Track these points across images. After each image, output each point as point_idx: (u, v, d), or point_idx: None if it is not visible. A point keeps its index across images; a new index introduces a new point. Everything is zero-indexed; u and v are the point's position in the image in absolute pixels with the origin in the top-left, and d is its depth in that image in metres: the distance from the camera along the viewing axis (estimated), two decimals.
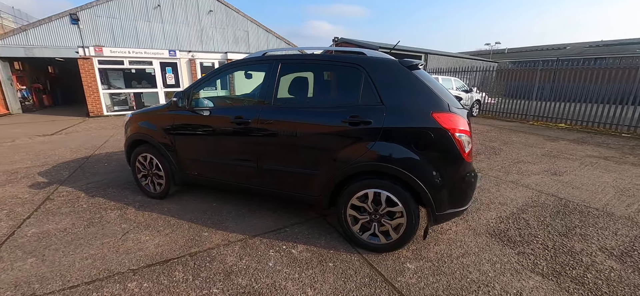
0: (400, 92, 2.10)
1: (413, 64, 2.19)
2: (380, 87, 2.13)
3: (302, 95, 2.61)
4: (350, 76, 2.28)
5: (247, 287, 1.89)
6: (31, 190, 3.54)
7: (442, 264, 2.13)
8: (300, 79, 2.61)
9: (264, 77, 2.56)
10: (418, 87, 2.09)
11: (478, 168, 4.47)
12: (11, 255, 2.24)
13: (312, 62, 2.52)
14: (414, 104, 2.06)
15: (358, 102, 2.19)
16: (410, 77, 2.12)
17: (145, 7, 14.07)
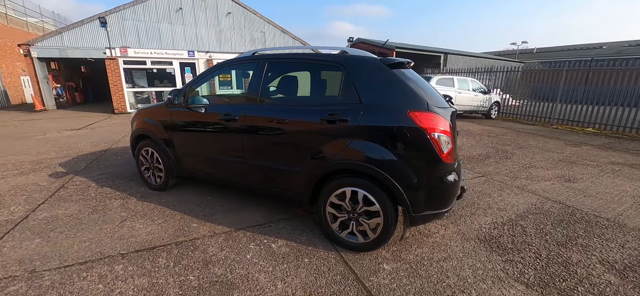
0: (378, 91, 2.08)
1: (395, 62, 2.16)
2: (359, 85, 2.12)
3: (286, 93, 2.66)
4: (331, 75, 2.30)
5: (221, 276, 1.96)
6: (50, 178, 3.86)
7: (419, 267, 2.08)
8: (286, 78, 2.66)
9: (252, 76, 2.63)
10: (397, 86, 2.06)
11: (482, 173, 4.30)
12: (22, 235, 2.47)
13: (296, 61, 2.56)
14: (391, 102, 2.03)
15: (338, 100, 2.20)
16: (389, 75, 2.09)
17: (168, 10, 14.77)
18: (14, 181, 3.75)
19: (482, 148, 5.85)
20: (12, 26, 17.69)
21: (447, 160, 1.98)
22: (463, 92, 9.76)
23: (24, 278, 1.95)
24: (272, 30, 17.55)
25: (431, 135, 1.90)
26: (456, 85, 9.65)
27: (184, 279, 1.94)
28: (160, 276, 1.96)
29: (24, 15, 19.65)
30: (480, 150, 5.69)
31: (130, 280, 1.93)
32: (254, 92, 2.57)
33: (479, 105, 10.19)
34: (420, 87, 2.16)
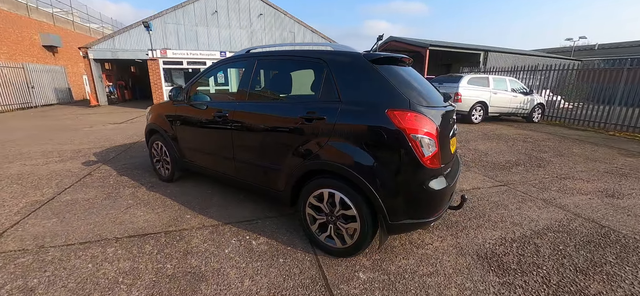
0: (357, 88, 1.96)
1: (380, 57, 2.02)
2: (340, 82, 2.02)
3: (274, 90, 2.64)
4: (315, 71, 2.22)
5: (195, 268, 2.01)
6: (82, 166, 4.32)
7: (398, 280, 1.92)
8: (273, 75, 2.64)
9: (243, 73, 2.65)
10: (377, 83, 1.91)
11: (504, 182, 3.87)
12: (43, 214, 2.79)
13: (284, 59, 2.51)
14: (370, 100, 1.89)
15: (319, 97, 2.11)
16: (370, 72, 1.95)
17: (204, 13, 15.72)
18: (53, 167, 4.26)
19: (512, 155, 5.28)
20: (77, 31, 20.28)
21: (430, 165, 1.78)
22: (499, 92, 8.91)
23: (33, 252, 2.19)
24: (302, 30, 17.76)
25: (410, 136, 1.73)
26: (491, 84, 8.84)
27: (162, 267, 2.02)
28: (142, 261, 2.07)
29: (87, 21, 22.41)
30: (510, 157, 5.13)
31: (115, 263, 2.06)
32: (244, 88, 2.59)
33: (518, 107, 9.23)
34: (407, 84, 1.99)
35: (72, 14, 21.25)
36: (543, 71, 10.11)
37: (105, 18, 25.82)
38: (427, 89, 2.22)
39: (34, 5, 16.61)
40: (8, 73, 12.25)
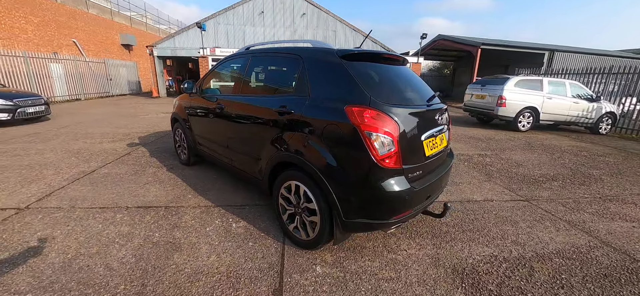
0: (325, 84, 1.97)
1: (352, 53, 2.00)
2: (310, 77, 2.06)
3: (260, 84, 2.76)
4: (293, 67, 2.28)
5: (177, 239, 2.25)
6: (126, 147, 5.07)
7: (352, 280, 1.89)
8: (263, 70, 2.76)
9: (240, 68, 2.85)
10: (344, 79, 1.90)
11: (527, 197, 3.43)
12: (82, 182, 3.38)
13: (271, 55, 2.62)
14: (332, 96, 1.89)
15: (293, 92, 2.18)
16: (339, 68, 1.94)
17: (252, 14, 16.75)
18: (105, 146, 5.08)
19: (552, 168, 4.60)
20: (149, 32, 23.34)
21: (387, 165, 1.72)
22: (556, 97, 7.76)
23: (65, 209, 2.70)
24: (343, 29, 17.75)
25: (364, 133, 1.69)
26: (545, 88, 7.74)
27: (151, 235, 2.32)
28: (138, 228, 2.40)
29: (157, 23, 25.64)
30: (548, 170, 4.49)
31: (118, 226, 2.43)
32: (238, 82, 2.79)
33: (579, 115, 7.92)
34: (375, 81, 1.94)
35: (146, 16, 24.54)
36: (624, 74, 8.44)
37: (172, 20, 29.27)
38: (406, 88, 2.12)
39: (116, 10, 19.65)
40: (93, 67, 14.76)
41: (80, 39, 15.73)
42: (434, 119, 2.09)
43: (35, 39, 12.87)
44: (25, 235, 2.27)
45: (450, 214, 2.87)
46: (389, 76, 2.09)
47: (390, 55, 2.25)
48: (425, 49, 20.33)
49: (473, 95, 8.67)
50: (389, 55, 2.23)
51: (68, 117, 8.18)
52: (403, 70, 2.36)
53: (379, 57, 2.16)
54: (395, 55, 2.31)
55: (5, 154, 4.42)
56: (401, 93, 2.07)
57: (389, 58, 2.27)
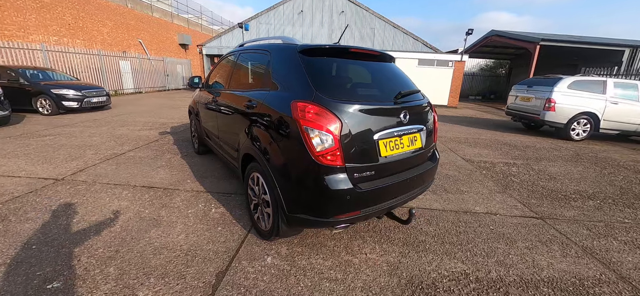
0: (283, 78, 2.00)
1: (312, 48, 1.99)
2: (273, 72, 2.10)
3: (240, 79, 2.84)
4: (264, 62, 2.34)
5: (160, 217, 2.52)
6: (157, 134, 5.72)
7: (296, 274, 1.90)
8: (245, 66, 2.85)
9: (231, 64, 3.02)
10: (300, 74, 1.90)
11: (543, 215, 3.00)
12: (110, 162, 3.93)
13: (252, 52, 2.70)
14: (286, 90, 1.91)
15: (260, 85, 2.25)
16: (296, 63, 1.95)
17: (292, 14, 17.26)
18: (141, 133, 5.81)
19: (593, 185, 3.90)
20: (203, 32, 25.62)
21: (325, 162, 1.68)
22: (623, 102, 6.49)
23: (88, 183, 3.20)
24: (383, 26, 17.21)
25: (302, 127, 1.68)
26: (609, 91, 6.53)
27: (141, 210, 2.62)
28: (134, 204, 2.74)
29: (211, 24, 27.99)
30: (587, 187, 3.82)
31: (121, 201, 2.80)
32: (228, 77, 2.96)
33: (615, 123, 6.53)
34: (330, 76, 1.91)
35: (201, 18, 26.97)
36: None
37: (225, 21, 31.69)
38: (368, 84, 2.04)
39: (176, 13, 22.00)
40: (154, 64, 16.81)
41: (145, 39, 18.03)
42: (398, 118, 1.96)
43: (109, 39, 15.14)
44: (51, 201, 2.76)
45: (415, 220, 2.68)
46: (350, 72, 2.03)
47: (361, 50, 2.17)
48: (474, 47, 18.62)
49: (518, 97, 7.71)
50: (358, 49, 2.15)
51: (124, 107, 9.51)
52: (374, 66, 2.26)
53: (345, 52, 2.10)
54: (367, 50, 2.21)
55: (66, 135, 5.35)
56: (358, 89, 1.99)
57: (359, 53, 2.19)
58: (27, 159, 3.93)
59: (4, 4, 10.13)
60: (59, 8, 12.37)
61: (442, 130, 7.53)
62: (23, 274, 1.80)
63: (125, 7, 16.48)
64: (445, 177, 3.92)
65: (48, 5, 11.87)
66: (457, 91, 14.07)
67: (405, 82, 2.35)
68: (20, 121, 6.52)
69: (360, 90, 2.03)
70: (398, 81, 2.29)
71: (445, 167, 4.34)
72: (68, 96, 7.42)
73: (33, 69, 7.79)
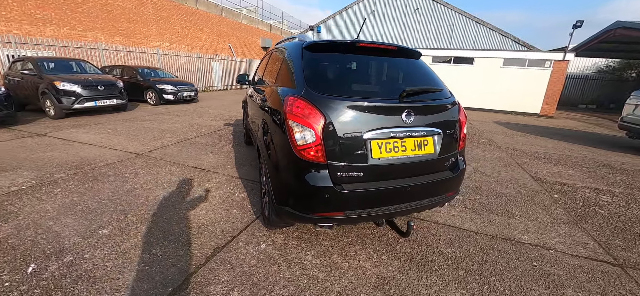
0: (289, 73, 2.05)
1: (314, 44, 1.98)
2: (284, 67, 2.19)
3: (269, 75, 2.98)
4: (282, 59, 2.44)
5: (193, 193, 2.94)
6: (222, 125, 6.58)
7: (280, 264, 1.95)
8: (271, 63, 2.99)
9: (266, 63, 3.25)
10: (297, 69, 1.93)
11: (621, 260, 2.26)
12: (178, 145, 4.75)
13: (278, 50, 2.82)
14: (287, 85, 1.97)
15: (276, 82, 2.36)
16: (297, 58, 1.98)
17: (362, 14, 17.17)
18: (210, 123, 6.78)
19: None
20: (283, 36, 27.86)
21: (306, 157, 1.66)
22: None
23: (156, 159, 3.96)
24: (463, 22, 15.45)
25: (288, 122, 1.71)
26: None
27: (183, 186, 3.11)
28: (176, 179, 3.26)
29: (291, 28, 30.21)
30: None
31: (172, 176, 3.37)
32: (262, 75, 3.20)
33: None
34: (325, 72, 1.89)
35: (282, 22, 29.39)
36: None
37: (303, 24, 33.72)
38: (370, 80, 1.91)
39: (260, 19, 24.58)
40: (239, 65, 19.23)
41: (233, 43, 20.79)
42: (399, 118, 1.78)
43: (206, 44, 18.05)
44: (128, 170, 3.54)
45: (414, 233, 2.35)
46: (354, 67, 1.94)
47: (372, 45, 2.04)
48: (589, 43, 14.78)
49: (638, 107, 5.84)
50: (369, 44, 2.03)
51: (208, 101, 11.22)
52: (388, 62, 2.12)
53: (354, 48, 2.02)
54: (380, 44, 2.06)
55: (158, 121, 6.70)
56: (355, 86, 1.88)
57: (374, 48, 2.07)
58: (126, 137, 5.11)
59: (136, 19, 13.26)
60: (172, 19, 15.44)
61: (519, 142, 6.30)
62: (87, 220, 2.39)
63: (220, 16, 19.35)
64: (496, 195, 3.31)
65: (165, 18, 14.96)
66: (555, 97, 11.47)
67: (426, 80, 2.11)
68: (134, 108, 8.47)
69: (357, 87, 1.93)
70: (417, 78, 2.08)
71: (501, 184, 3.66)
72: (167, 90, 9.23)
73: (146, 68, 9.97)
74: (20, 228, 2.26)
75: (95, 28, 11.61)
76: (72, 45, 9.90)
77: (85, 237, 2.17)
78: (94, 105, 6.79)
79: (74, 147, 4.43)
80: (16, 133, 5.13)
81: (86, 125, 6.00)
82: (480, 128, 7.77)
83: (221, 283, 1.77)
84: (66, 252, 2.00)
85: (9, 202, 2.64)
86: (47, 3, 9.91)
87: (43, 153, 4.04)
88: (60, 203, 2.66)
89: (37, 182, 3.10)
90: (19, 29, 9.21)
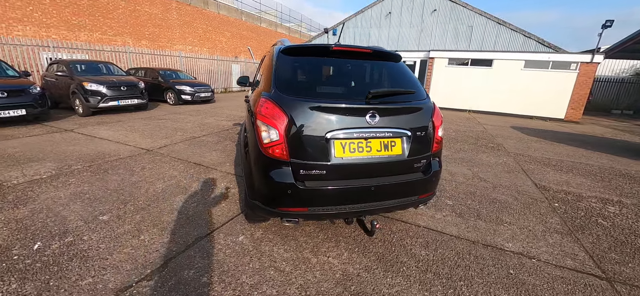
0: (267, 76, 2.17)
1: (289, 48, 2.09)
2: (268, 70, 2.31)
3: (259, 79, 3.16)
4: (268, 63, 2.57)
5: (190, 187, 3.14)
6: (231, 125, 6.86)
7: (251, 255, 2.07)
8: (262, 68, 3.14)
9: (259, 67, 3.41)
10: (272, 72, 2.04)
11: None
12: (185, 142, 5.05)
13: (270, 53, 2.96)
14: (264, 88, 2.09)
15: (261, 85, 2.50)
16: (275, 62, 2.10)
17: (379, 16, 17.07)
18: (221, 123, 7.10)
19: None
20: (302, 38, 28.29)
21: (270, 154, 1.78)
22: None
23: (163, 155, 4.25)
24: (483, 23, 14.88)
25: (257, 120, 1.83)
26: None
27: (182, 180, 3.33)
28: (182, 174, 3.50)
29: (310, 30, 30.62)
30: None
31: (174, 170, 3.62)
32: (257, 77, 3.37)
33: None
34: (294, 74, 1.99)
35: (301, 25, 29.82)
36: None
37: (322, 27, 34.01)
38: (339, 82, 1.99)
39: (279, 22, 25.14)
40: (257, 67, 19.80)
41: (253, 46, 21.43)
42: (363, 119, 1.84)
43: (226, 47, 18.77)
44: (136, 164, 3.84)
45: (391, 235, 2.38)
46: (325, 70, 2.02)
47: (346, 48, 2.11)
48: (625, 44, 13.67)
49: None
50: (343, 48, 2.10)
51: (223, 102, 11.68)
52: (362, 64, 2.19)
53: (329, 51, 2.10)
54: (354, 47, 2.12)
55: (173, 120, 7.11)
56: (322, 87, 1.97)
57: (350, 51, 2.14)
58: (141, 134, 5.50)
59: (161, 24, 14.11)
60: (194, 24, 16.24)
61: (531, 147, 6.00)
62: (92, 207, 2.66)
63: (241, 20, 20.05)
64: (489, 201, 3.23)
65: (188, 23, 15.77)
66: (581, 102, 10.72)
67: (402, 82, 2.15)
68: (154, 108, 9.04)
69: (324, 89, 2.01)
70: (393, 81, 2.13)
71: (498, 190, 3.55)
72: (185, 91, 9.75)
73: (167, 70, 10.59)
74: (34, 211, 2.56)
75: (124, 33, 12.51)
76: (102, 48, 10.74)
77: (86, 222, 2.42)
78: (117, 104, 7.35)
79: (94, 142, 4.85)
80: (47, 128, 5.70)
81: (109, 122, 6.51)
82: (493, 133, 7.48)
83: (194, 269, 1.92)
84: (68, 234, 2.25)
85: (30, 189, 2.99)
86: (82, 10, 10.83)
87: (66, 147, 4.48)
88: (72, 192, 2.96)
89: (56, 172, 3.46)
90: (57, 34, 10.16)
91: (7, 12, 8.98)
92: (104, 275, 1.84)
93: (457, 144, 5.94)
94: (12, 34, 8.99)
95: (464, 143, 6.11)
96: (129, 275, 1.85)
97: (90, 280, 1.79)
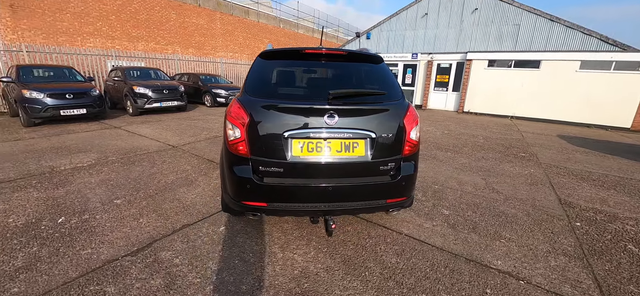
0: None
1: (268, 53, 2.22)
2: None
3: None
4: None
5: (196, 180, 3.47)
6: None
7: (223, 244, 2.23)
8: None
9: None
10: (248, 76, 2.19)
11: None
12: (206, 141, 5.52)
13: None
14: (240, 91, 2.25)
15: None
16: (252, 66, 2.24)
17: (414, 18, 16.51)
18: None
19: None
20: (338, 43, 28.55)
21: (234, 151, 1.93)
22: None
23: (183, 150, 4.72)
24: (533, 21, 13.44)
25: (227, 120, 1.99)
26: None
27: (191, 173, 3.69)
28: (193, 168, 3.88)
29: (347, 35, 30.77)
30: None
31: (188, 165, 4.02)
32: None
33: None
34: (262, 77, 2.11)
35: (338, 30, 30.11)
36: None
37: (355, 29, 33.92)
38: (304, 84, 2.05)
39: (316, 28, 25.72)
40: None
41: None
42: (321, 119, 1.88)
43: None
44: (159, 158, 4.34)
45: (365, 239, 2.36)
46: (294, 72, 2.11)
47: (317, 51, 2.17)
48: None
49: None
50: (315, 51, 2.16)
51: None
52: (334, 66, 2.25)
53: (302, 54, 2.19)
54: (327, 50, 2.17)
55: (204, 120, 7.79)
56: (284, 89, 2.05)
57: (324, 54, 2.20)
58: (172, 132, 6.16)
59: (206, 33, 15.50)
60: (235, 32, 17.50)
61: (572, 159, 5.25)
62: (111, 192, 3.10)
63: (279, 28, 21.03)
64: (493, 214, 2.96)
65: (229, 32, 17.06)
66: None
67: (378, 83, 2.17)
68: (192, 109, 9.98)
69: (286, 90, 2.08)
70: (369, 81, 2.16)
71: (509, 203, 3.23)
72: (221, 94, 10.57)
73: (207, 75, 11.59)
74: (68, 192, 3.08)
75: (174, 42, 14.04)
76: (155, 56, 12.20)
77: (103, 204, 2.84)
78: (159, 106, 8.30)
79: (133, 138, 5.58)
80: (101, 125, 6.71)
81: (151, 122, 7.40)
82: (530, 142, 6.71)
83: (172, 251, 2.15)
84: (86, 212, 2.67)
85: (71, 174, 3.59)
86: (140, 23, 12.46)
87: (110, 141, 5.23)
88: (102, 178, 3.48)
89: (95, 162, 4.09)
90: (120, 45, 11.84)
91: (83, 28, 10.77)
92: (100, 247, 2.17)
93: (480, 152, 5.49)
94: (85, 45, 10.74)
95: (490, 151, 5.61)
96: (119, 250, 2.15)
97: (89, 250, 2.13)
